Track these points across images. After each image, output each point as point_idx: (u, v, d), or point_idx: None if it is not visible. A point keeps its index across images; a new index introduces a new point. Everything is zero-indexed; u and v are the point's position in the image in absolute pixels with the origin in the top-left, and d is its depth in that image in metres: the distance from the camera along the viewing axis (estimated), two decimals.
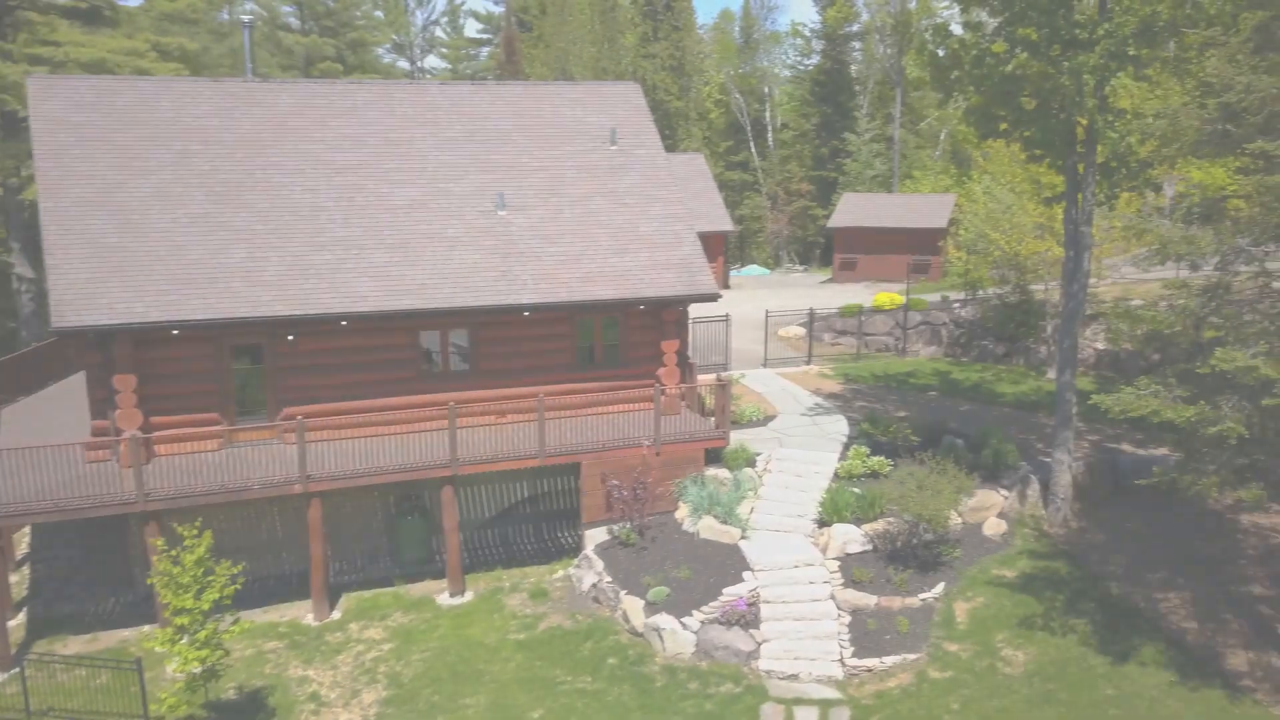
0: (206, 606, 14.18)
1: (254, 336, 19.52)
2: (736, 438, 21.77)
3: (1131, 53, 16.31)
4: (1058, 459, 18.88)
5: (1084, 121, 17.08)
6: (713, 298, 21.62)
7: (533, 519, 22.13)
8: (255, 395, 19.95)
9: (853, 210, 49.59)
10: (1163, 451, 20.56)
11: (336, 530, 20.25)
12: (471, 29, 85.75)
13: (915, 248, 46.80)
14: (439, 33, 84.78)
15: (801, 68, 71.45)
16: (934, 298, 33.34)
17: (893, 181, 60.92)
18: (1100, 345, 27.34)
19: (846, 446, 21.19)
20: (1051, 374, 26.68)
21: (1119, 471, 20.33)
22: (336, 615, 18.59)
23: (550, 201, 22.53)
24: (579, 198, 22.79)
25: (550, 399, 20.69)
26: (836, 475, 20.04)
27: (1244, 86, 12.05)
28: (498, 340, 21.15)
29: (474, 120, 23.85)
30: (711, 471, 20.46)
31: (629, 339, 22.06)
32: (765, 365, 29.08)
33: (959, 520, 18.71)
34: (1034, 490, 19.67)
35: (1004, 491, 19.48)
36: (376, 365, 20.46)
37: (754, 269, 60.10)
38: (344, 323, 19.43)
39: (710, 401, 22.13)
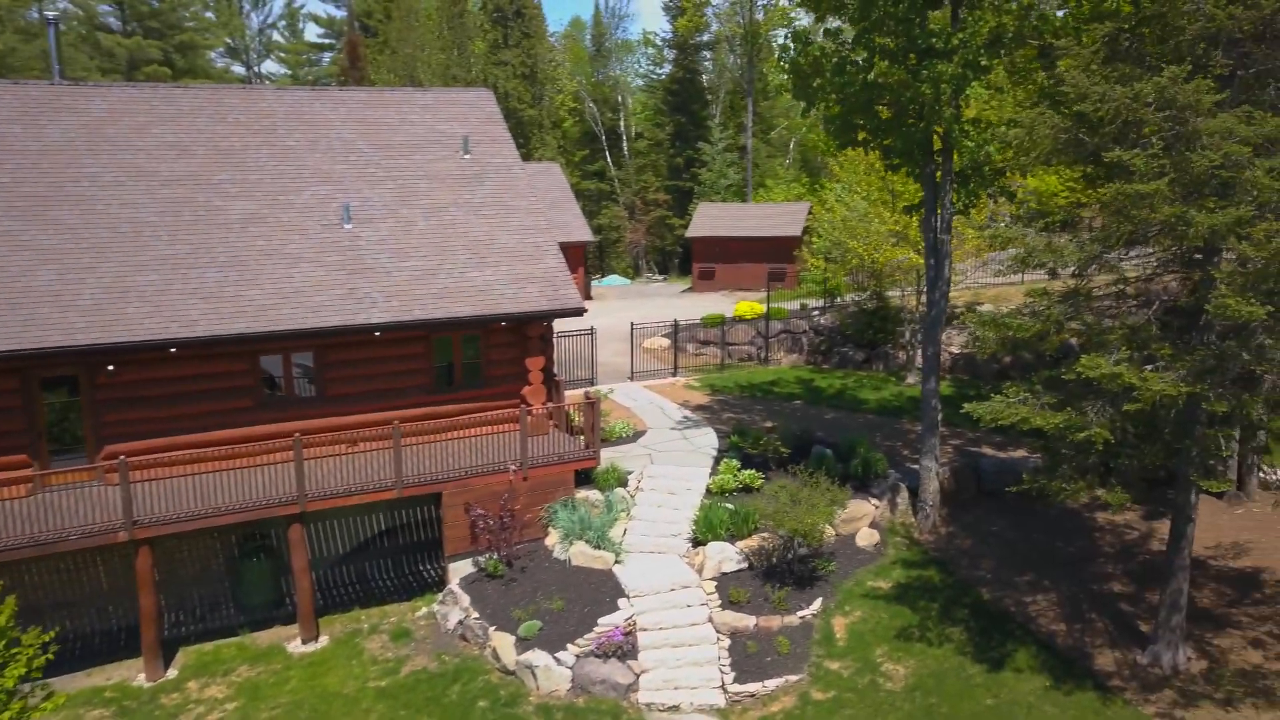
0: (10, 684, 12.38)
1: (67, 367, 17.53)
2: (607, 456, 21.10)
3: (983, 63, 16.58)
4: (925, 466, 19.03)
5: (940, 130, 17.26)
6: (578, 312, 20.87)
7: (393, 552, 20.78)
8: (72, 433, 17.93)
9: (709, 220, 49.91)
10: (1022, 454, 21.12)
11: (171, 577, 18.46)
12: (312, 33, 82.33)
13: (772, 256, 47.47)
14: (277, 37, 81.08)
15: (654, 77, 71.80)
16: (793, 305, 33.68)
17: (747, 191, 61.82)
18: (955, 349, 28.09)
19: (717, 461, 20.83)
20: (911, 379, 27.22)
21: (982, 475, 20.74)
22: (172, 673, 16.81)
23: (401, 214, 21.31)
24: (432, 209, 21.66)
25: (407, 425, 19.50)
26: (709, 491, 19.63)
27: (1099, 96, 12.21)
28: (347, 363, 19.77)
29: (315, 128, 22.38)
30: (582, 494, 19.69)
31: (491, 357, 21.05)
32: (632, 378, 28.56)
33: (832, 532, 18.58)
34: (903, 498, 19.79)
35: (875, 501, 19.51)
36: (211, 395, 18.75)
37: (615, 279, 59.78)
38: (172, 349, 17.69)
39: (579, 420, 21.39)
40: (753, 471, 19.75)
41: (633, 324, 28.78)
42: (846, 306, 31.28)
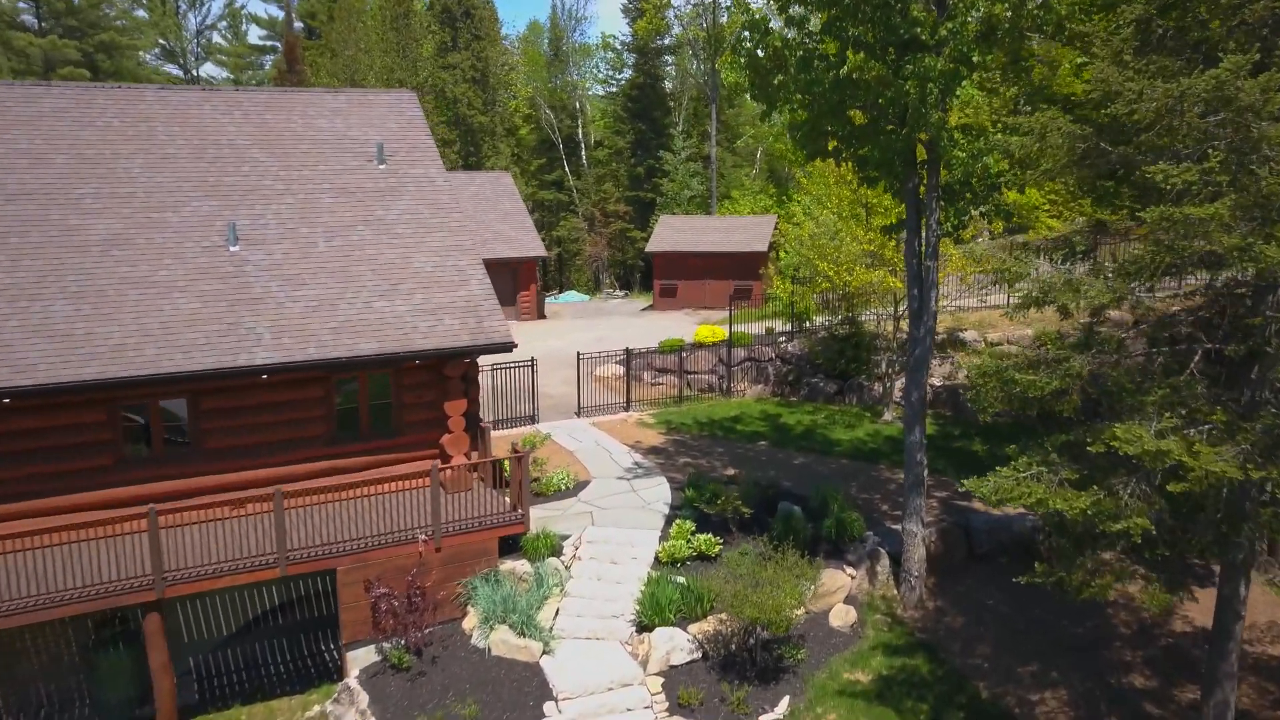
0: None
1: None
2: (541, 515, 18.33)
3: (975, 58, 14.05)
4: (909, 531, 16.41)
5: (925, 138, 14.71)
6: (505, 347, 18.07)
7: (290, 630, 17.82)
8: None
9: (671, 234, 47.30)
10: (1018, 510, 18.57)
11: (11, 669, 15.45)
12: (256, 35, 79.06)
13: (737, 272, 44.94)
14: (219, 39, 77.71)
15: (614, 82, 69.21)
16: (758, 328, 31.01)
17: (711, 202, 59.33)
18: (937, 381, 25.60)
19: (669, 521, 18.09)
20: (888, 415, 24.67)
21: (973, 536, 18.17)
22: None
23: (299, 234, 18.43)
24: (336, 228, 18.80)
25: (301, 484, 16.62)
26: (658, 560, 16.88)
27: (1134, 95, 9.68)
28: (228, 411, 16.83)
29: (202, 134, 19.48)
30: (508, 564, 16.86)
31: (404, 400, 18.20)
32: (579, 414, 25.77)
33: (802, 611, 15.89)
34: (884, 566, 17.15)
35: (850, 570, 16.86)
36: (58, 453, 15.74)
37: (572, 295, 56.99)
38: (4, 400, 14.68)
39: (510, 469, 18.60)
40: (709, 536, 17.03)
41: (579, 354, 25.99)
42: (816, 332, 28.71)
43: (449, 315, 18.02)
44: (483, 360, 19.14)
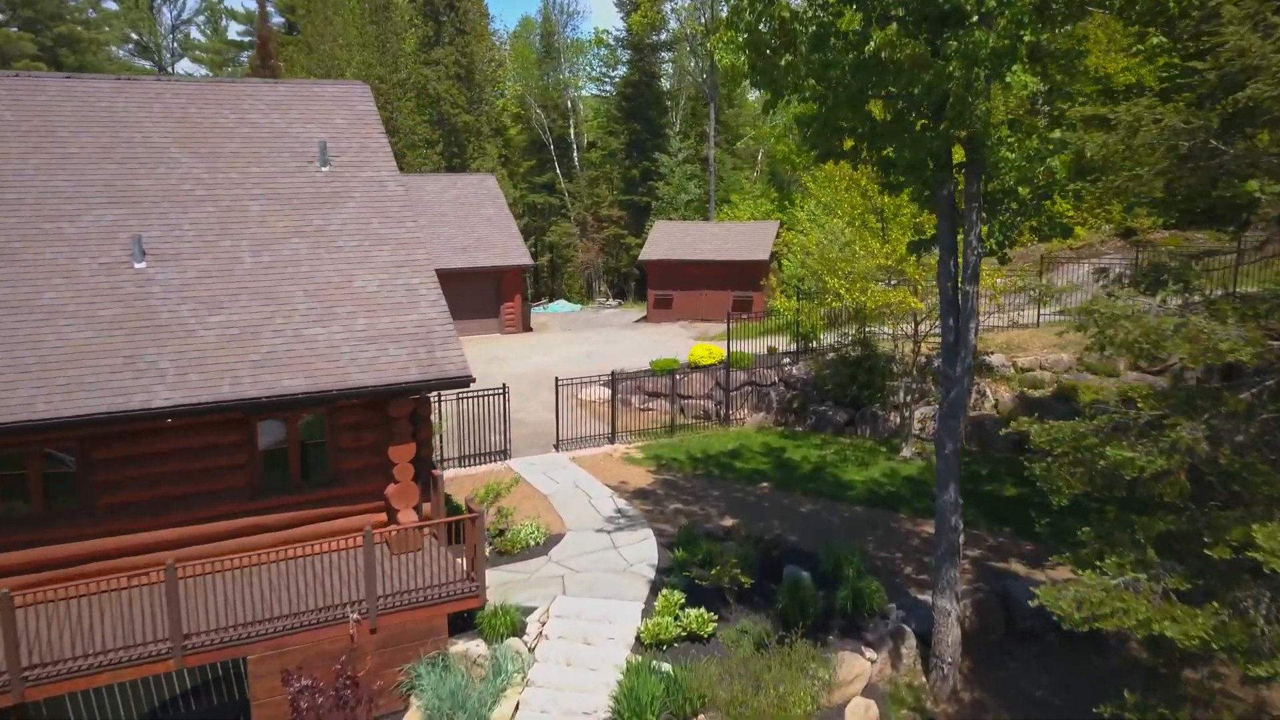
0: None
1: None
2: (503, 579, 15.73)
3: (1028, 38, 11.42)
4: (941, 609, 13.75)
5: (965, 134, 12.09)
6: (461, 382, 15.45)
7: (204, 717, 15.17)
8: None
9: (666, 240, 44.71)
10: (1064, 572, 15.92)
11: None
12: (236, 30, 76.45)
13: (736, 282, 42.38)
14: (196, 34, 75.17)
15: (608, 80, 66.61)
16: (760, 345, 28.30)
17: (709, 207, 56.71)
18: None
19: (655, 589, 15.44)
20: (906, 451, 22.02)
21: (1014, 608, 15.49)
22: None
23: (220, 247, 15.81)
24: (266, 240, 16.19)
25: (208, 548, 14.01)
26: (639, 642, 14.23)
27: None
28: (125, 462, 14.18)
29: (114, 129, 16.89)
30: (460, 646, 14.22)
31: (340, 445, 15.57)
32: (558, 447, 23.13)
33: (813, 706, 13.24)
34: (910, 648, 14.49)
35: (870, 653, 14.22)
36: None
37: (561, 305, 54.36)
38: None
39: (475, 508, 16.00)
40: (701, 611, 14.38)
41: (558, 379, 23.33)
42: (824, 353, 26.09)
43: (395, 344, 15.40)
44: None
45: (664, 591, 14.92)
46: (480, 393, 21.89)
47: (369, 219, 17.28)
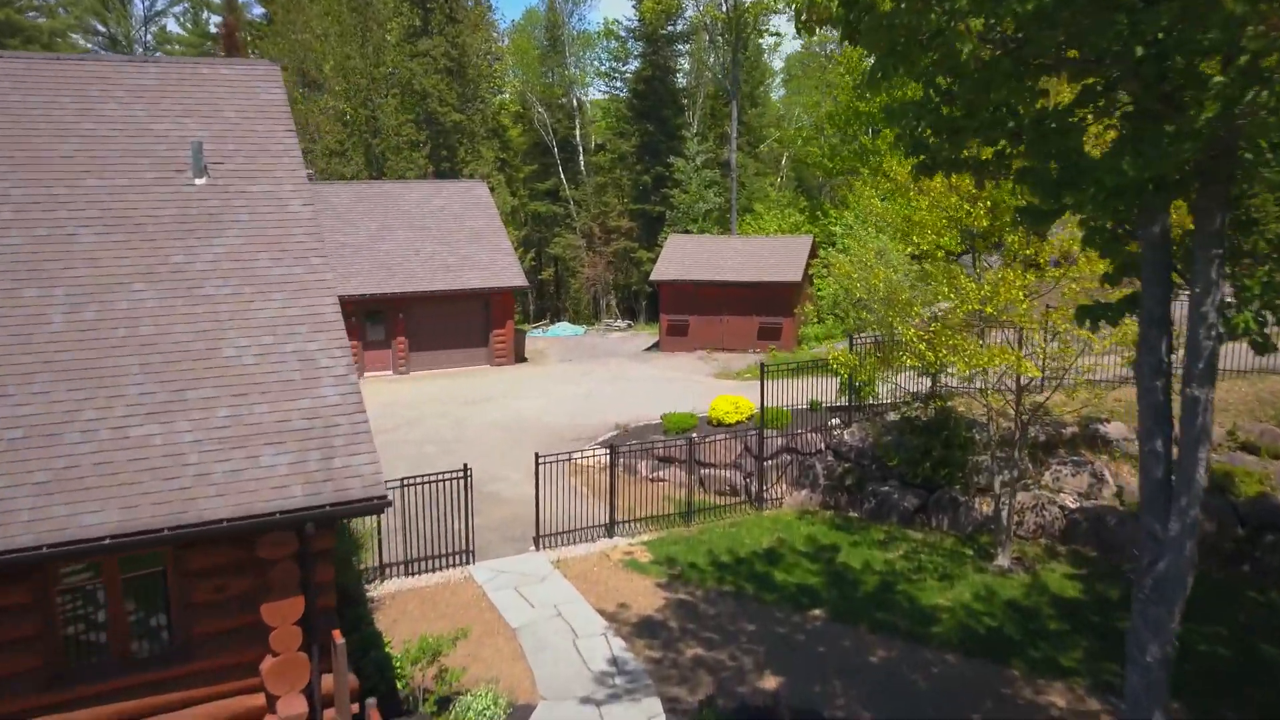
0: None
1: None
2: None
3: None
4: None
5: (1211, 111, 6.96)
6: (372, 509, 10.40)
7: None
8: None
9: (682, 257, 39.62)
10: None
11: None
12: (217, 23, 71.85)
13: (763, 307, 37.29)
14: (174, 27, 70.81)
15: (617, 75, 61.54)
16: (794, 390, 22.75)
17: (731, 217, 51.56)
18: (1070, 502, 17.83)
19: None
20: (1003, 559, 16.81)
21: None
22: None
23: (22, 299, 10.84)
24: (94, 288, 11.22)
25: None
26: None
27: None
28: None
29: None
30: None
31: (192, 601, 10.51)
32: (539, 543, 18.04)
33: None
34: None
35: None
36: None
37: (563, 328, 49.33)
38: None
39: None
40: None
41: (537, 455, 18.15)
42: (883, 413, 20.94)
43: (273, 448, 10.36)
44: (394, 468, 11.36)
45: None
46: (433, 478, 16.85)
47: (256, 254, 12.26)
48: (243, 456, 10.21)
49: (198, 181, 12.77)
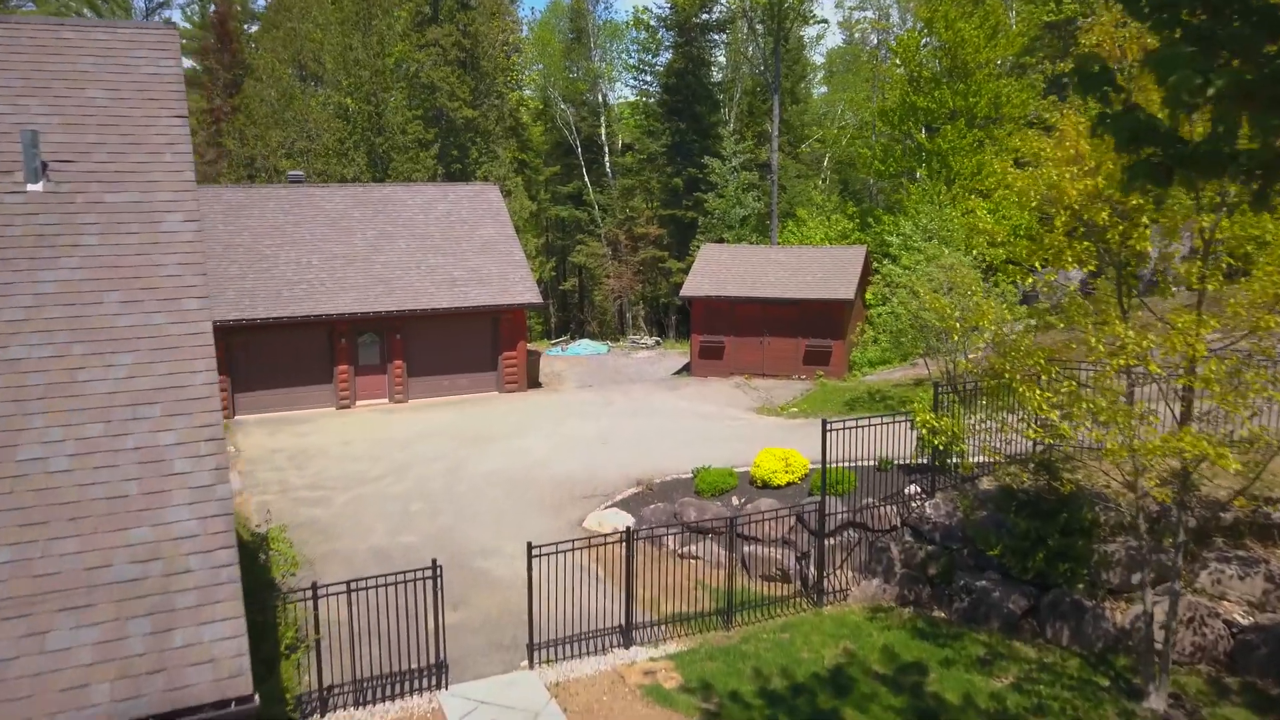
0: None
1: None
2: None
3: None
4: None
5: None
6: (229, 718, 6.53)
7: None
8: None
9: (716, 269, 35.61)
10: None
11: None
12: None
13: (810, 328, 33.22)
14: (179, 20, 68.00)
15: (647, 69, 57.64)
16: (859, 450, 18.64)
17: (771, 224, 47.48)
18: (1241, 617, 13.66)
19: None
20: (1155, 701, 12.63)
21: None
22: None
23: None
24: None
25: None
26: None
27: None
28: None
29: None
30: None
31: None
32: (532, 659, 14.06)
33: None
34: None
35: None
36: None
37: (585, 346, 45.47)
38: None
39: None
40: None
41: (530, 546, 14.20)
42: (976, 480, 16.84)
43: (73, 615, 6.57)
44: (369, 532, 7.39)
45: None
46: (392, 579, 12.98)
47: (100, 294, 8.49)
48: (19, 635, 6.41)
49: (31, 187, 9.01)
